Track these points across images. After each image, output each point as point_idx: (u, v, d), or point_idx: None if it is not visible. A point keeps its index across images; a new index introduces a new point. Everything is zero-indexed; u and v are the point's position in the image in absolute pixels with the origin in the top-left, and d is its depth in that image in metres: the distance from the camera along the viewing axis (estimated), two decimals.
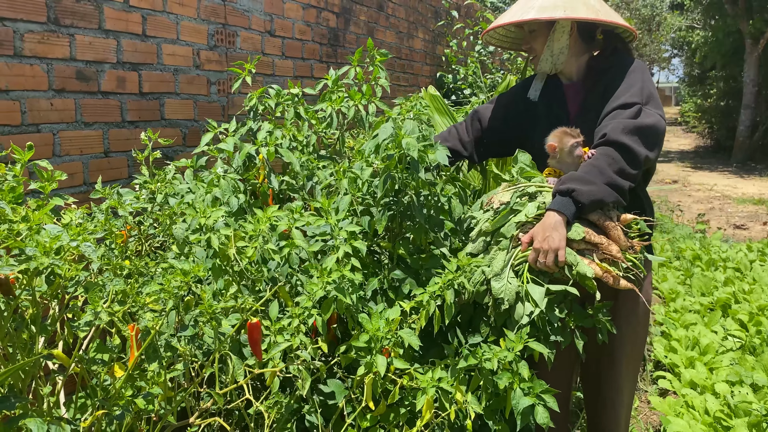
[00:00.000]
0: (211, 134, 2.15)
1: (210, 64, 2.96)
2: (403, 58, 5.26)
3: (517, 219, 1.82)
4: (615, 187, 1.72)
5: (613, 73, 1.98)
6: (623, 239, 1.76)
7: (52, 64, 2.20)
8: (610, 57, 2.04)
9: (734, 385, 3.19)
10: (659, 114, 1.84)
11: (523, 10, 2.02)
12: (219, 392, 1.37)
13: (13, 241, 1.02)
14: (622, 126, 1.77)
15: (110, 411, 1.13)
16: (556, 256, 1.68)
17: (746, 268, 5.25)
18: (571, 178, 1.75)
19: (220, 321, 1.25)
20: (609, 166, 1.73)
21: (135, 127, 2.54)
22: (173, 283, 1.16)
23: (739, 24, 14.74)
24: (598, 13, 1.97)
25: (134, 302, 1.17)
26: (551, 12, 1.95)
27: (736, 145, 15.53)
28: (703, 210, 9.02)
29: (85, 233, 1.08)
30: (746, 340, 3.78)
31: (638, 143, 1.75)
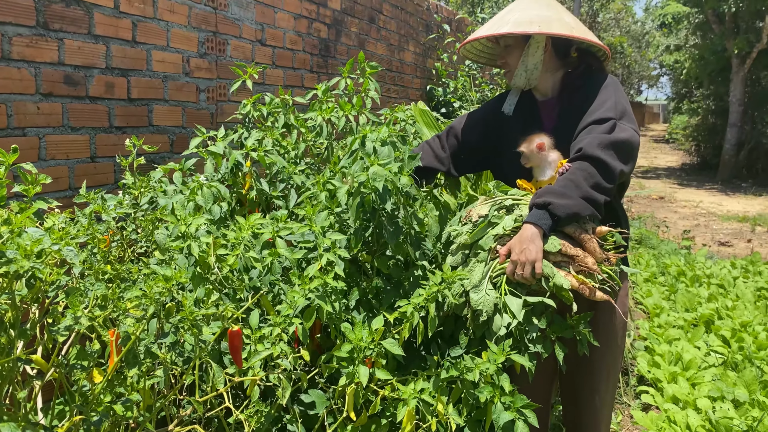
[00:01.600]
0: (199, 138, 2.16)
1: (200, 71, 2.96)
2: (393, 70, 5.29)
3: (494, 232, 1.84)
4: (590, 201, 1.75)
5: (586, 90, 2.00)
6: (599, 251, 1.79)
7: (40, 68, 2.19)
8: (584, 74, 2.06)
9: (716, 401, 3.21)
10: (633, 129, 1.87)
11: (498, 25, 2.05)
12: (199, 400, 1.37)
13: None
14: (597, 141, 1.80)
15: (88, 416, 1.12)
16: (533, 268, 1.70)
17: (730, 285, 5.30)
18: (548, 191, 1.77)
19: (200, 328, 1.24)
20: (585, 180, 1.76)
21: (122, 133, 2.54)
22: (155, 289, 1.16)
23: (726, 43, 14.97)
24: (573, 30, 2.00)
25: (115, 307, 1.16)
26: (526, 27, 1.98)
27: (722, 163, 15.72)
28: (688, 226, 9.11)
29: (68, 237, 1.07)
30: (728, 356, 3.81)
31: (613, 157, 1.79)
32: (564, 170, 1.87)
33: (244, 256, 1.60)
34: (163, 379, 1.32)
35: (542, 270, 1.71)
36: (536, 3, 2.09)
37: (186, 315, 1.20)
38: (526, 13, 2.03)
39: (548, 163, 1.98)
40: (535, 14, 2.02)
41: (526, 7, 2.08)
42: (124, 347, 1.19)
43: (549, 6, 2.10)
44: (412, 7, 5.60)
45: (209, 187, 1.80)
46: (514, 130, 2.13)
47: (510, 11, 2.11)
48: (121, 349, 1.20)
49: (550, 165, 1.98)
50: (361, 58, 2.65)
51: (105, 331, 1.14)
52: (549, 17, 2.01)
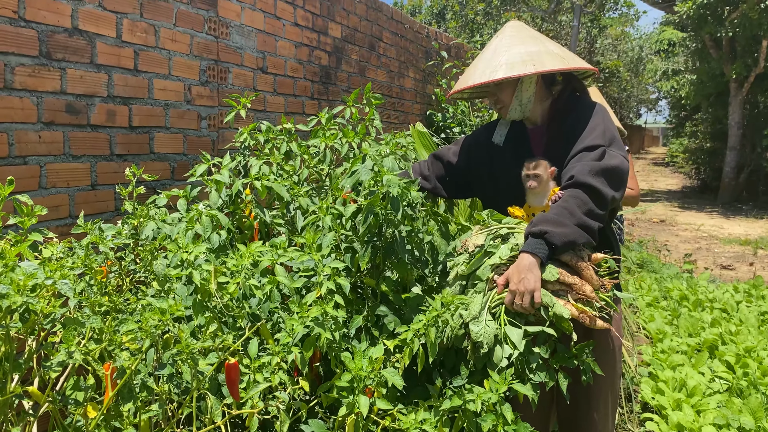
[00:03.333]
0: (205, 165, 2.17)
1: (201, 99, 2.99)
2: (393, 96, 5.33)
3: (491, 261, 1.85)
4: (585, 228, 1.77)
5: (575, 117, 2.03)
6: (595, 278, 1.80)
7: (42, 97, 2.21)
8: (570, 100, 2.10)
9: (721, 429, 3.16)
10: (622, 155, 1.90)
11: (492, 69, 2.05)
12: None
13: None
14: (588, 168, 1.83)
15: None
16: (532, 298, 1.70)
17: (733, 309, 5.27)
18: (543, 219, 1.78)
19: (197, 360, 1.23)
20: (579, 208, 1.78)
21: (123, 161, 2.55)
22: (150, 321, 1.15)
23: (723, 68, 15.09)
24: (564, 61, 2.03)
25: (111, 341, 1.15)
26: (521, 68, 1.99)
27: (722, 186, 15.74)
28: (690, 250, 9.08)
29: (63, 269, 1.07)
30: (733, 383, 3.77)
31: (604, 184, 1.81)
32: (557, 198, 1.89)
33: (245, 284, 1.60)
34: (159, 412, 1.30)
35: (541, 299, 1.71)
36: (518, 38, 2.11)
37: (183, 348, 1.18)
38: (514, 52, 2.04)
39: (545, 192, 2.01)
40: (524, 52, 2.03)
41: (510, 45, 2.09)
42: (119, 381, 1.17)
43: (534, 39, 2.12)
44: (412, 34, 5.66)
45: (208, 215, 1.79)
46: (504, 158, 2.17)
47: (496, 52, 2.11)
48: (116, 383, 1.19)
49: (545, 193, 2.01)
50: (368, 90, 2.68)
51: (99, 366, 1.12)
52: (538, 53, 2.03)
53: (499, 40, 2.14)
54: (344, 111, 2.67)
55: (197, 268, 1.49)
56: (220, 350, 1.31)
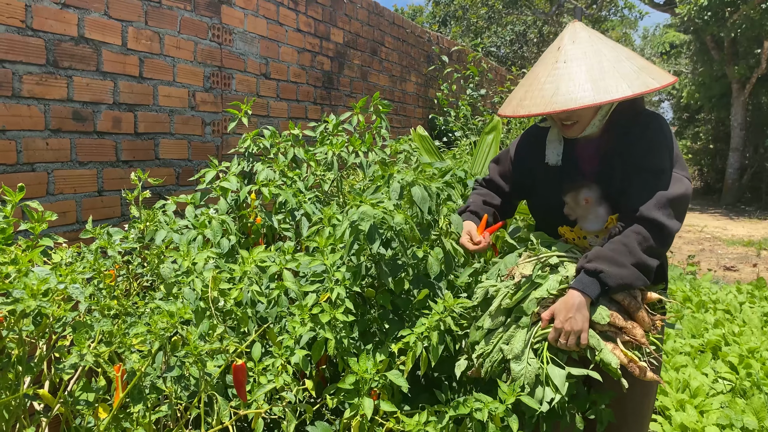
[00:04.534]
0: (213, 171, 2.20)
1: (205, 105, 3.02)
2: (396, 100, 5.36)
3: (538, 294, 1.72)
4: (644, 269, 1.64)
5: (635, 130, 1.79)
6: (647, 320, 1.68)
7: (49, 105, 2.24)
8: (629, 110, 1.82)
9: (725, 429, 3.17)
10: (686, 177, 1.74)
11: (579, 87, 1.68)
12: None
13: (1, 283, 1.03)
14: (655, 201, 1.66)
15: None
16: (578, 338, 1.61)
17: (736, 310, 5.27)
18: (599, 256, 1.65)
19: (205, 362, 1.26)
20: (639, 245, 1.64)
21: (129, 167, 2.58)
22: (159, 324, 1.17)
23: (726, 69, 15.10)
24: (663, 73, 1.75)
25: (121, 343, 1.18)
26: (643, 82, 1.67)
27: (725, 188, 15.73)
28: (693, 251, 9.08)
29: (74, 274, 1.09)
30: (736, 383, 3.77)
31: (671, 217, 1.67)
32: (617, 230, 1.74)
33: (249, 290, 1.62)
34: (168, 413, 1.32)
35: (588, 341, 1.62)
36: (605, 43, 1.78)
37: (191, 350, 1.21)
38: (619, 60, 1.72)
39: (596, 216, 1.85)
40: (625, 59, 1.73)
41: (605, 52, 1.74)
42: (129, 383, 1.20)
43: (614, 45, 1.79)
44: (414, 39, 5.70)
45: (218, 220, 1.82)
46: (551, 174, 1.95)
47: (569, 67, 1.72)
48: (126, 385, 1.22)
49: (598, 218, 1.84)
50: (375, 97, 2.71)
51: (110, 367, 1.15)
52: (640, 61, 1.75)
53: (580, 45, 1.77)
54: (351, 118, 2.69)
55: (199, 276, 1.51)
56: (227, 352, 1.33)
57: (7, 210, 1.16)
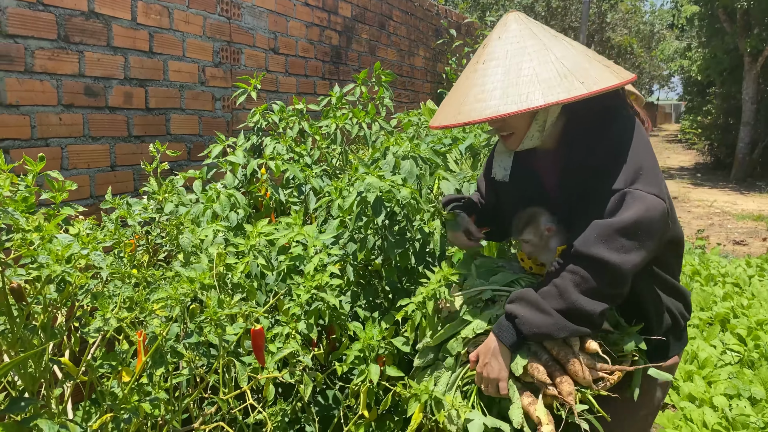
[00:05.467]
0: (220, 146, 2.21)
1: (215, 80, 3.02)
2: (404, 75, 5.34)
3: (464, 333, 1.56)
4: (577, 315, 1.38)
5: (590, 141, 1.50)
6: (586, 374, 1.40)
7: (62, 80, 2.26)
8: (587, 116, 1.52)
9: (732, 399, 3.20)
10: (654, 194, 1.38)
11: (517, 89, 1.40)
12: (223, 398, 1.41)
13: (26, 249, 1.06)
14: (596, 232, 1.38)
15: (118, 414, 1.16)
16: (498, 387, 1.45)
17: (745, 284, 5.28)
18: (523, 298, 1.45)
19: (224, 327, 1.29)
20: (576, 287, 1.38)
21: (141, 142, 2.60)
22: (180, 290, 1.20)
23: (738, 42, 14.88)
24: (613, 72, 1.46)
25: (142, 309, 1.21)
26: (564, 88, 1.37)
27: (735, 162, 15.60)
28: (702, 226, 9.06)
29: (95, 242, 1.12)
30: (744, 355, 3.80)
31: (620, 250, 1.36)
32: (554, 267, 1.48)
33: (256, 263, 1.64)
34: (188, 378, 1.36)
35: (507, 390, 1.45)
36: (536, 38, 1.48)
37: (210, 315, 1.24)
38: (544, 61, 1.43)
39: (549, 250, 1.61)
40: (555, 60, 1.43)
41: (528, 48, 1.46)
42: (150, 347, 1.23)
43: (556, 39, 1.50)
44: (422, 12, 5.65)
45: (226, 195, 1.85)
46: (511, 196, 1.74)
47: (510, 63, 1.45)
48: (147, 349, 1.25)
49: (551, 251, 1.60)
50: (377, 67, 2.70)
51: (133, 332, 1.18)
52: (576, 60, 1.44)
53: (506, 42, 1.49)
54: (354, 90, 2.69)
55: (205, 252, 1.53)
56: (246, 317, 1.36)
57: (29, 180, 1.18)
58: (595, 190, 1.43)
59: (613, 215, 1.38)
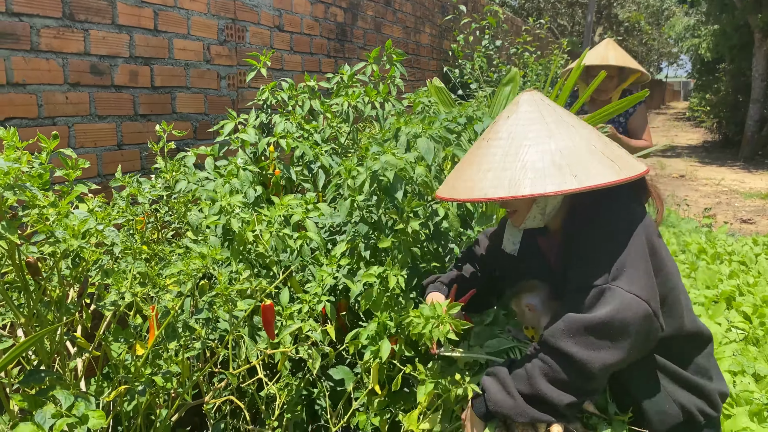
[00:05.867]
0: (232, 123, 2.22)
1: (220, 58, 3.01)
2: (410, 52, 5.30)
3: (458, 391, 1.61)
4: (540, 402, 1.38)
5: (583, 229, 1.48)
6: None
7: (67, 59, 2.26)
8: (592, 204, 1.50)
9: (736, 375, 3.22)
10: (635, 294, 1.34)
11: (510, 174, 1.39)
12: (233, 372, 1.43)
13: (42, 225, 1.07)
14: (564, 325, 1.36)
15: (132, 387, 1.19)
16: None
17: (751, 262, 5.27)
18: (496, 373, 1.48)
19: (235, 302, 1.30)
20: (543, 376, 1.38)
21: (147, 121, 2.60)
22: (192, 265, 1.22)
23: (748, 17, 14.66)
24: (615, 168, 1.39)
25: (154, 284, 1.23)
26: (557, 181, 1.35)
27: (744, 140, 15.46)
28: (709, 204, 9.02)
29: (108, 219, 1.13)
30: (749, 332, 3.81)
31: (586, 347, 1.33)
32: (530, 351, 1.48)
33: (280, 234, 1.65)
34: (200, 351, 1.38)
35: None
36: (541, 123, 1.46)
37: (221, 290, 1.25)
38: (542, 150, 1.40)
39: (540, 326, 1.63)
40: (555, 150, 1.40)
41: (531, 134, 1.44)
42: (163, 322, 1.25)
43: (562, 124, 1.46)
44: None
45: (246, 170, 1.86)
46: (518, 270, 1.76)
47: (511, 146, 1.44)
48: (160, 324, 1.27)
49: (542, 327, 1.61)
50: (388, 46, 2.68)
51: (147, 306, 1.20)
52: (576, 152, 1.40)
53: (512, 123, 1.49)
54: (365, 68, 2.68)
55: (235, 216, 1.54)
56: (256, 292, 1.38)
57: (43, 157, 1.19)
58: (578, 280, 1.42)
59: (588, 310, 1.36)
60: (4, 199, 1.02)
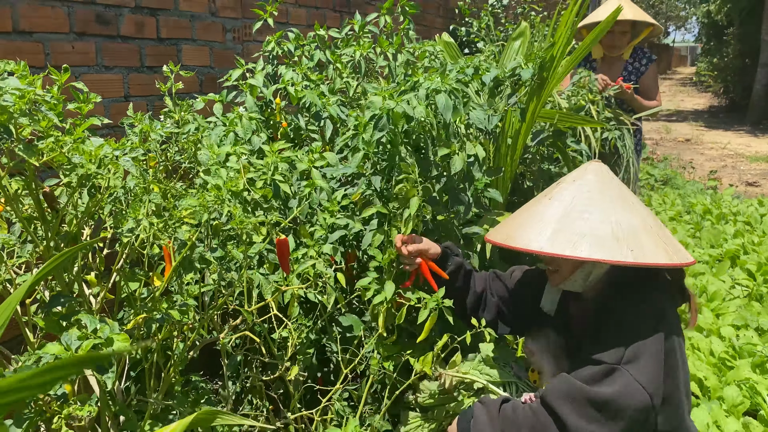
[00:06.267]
0: (240, 70, 2.21)
1: (225, 11, 2.98)
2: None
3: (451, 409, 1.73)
4: None
5: (619, 308, 1.50)
6: None
7: (73, 7, 2.23)
8: (628, 281, 1.55)
9: (739, 329, 3.26)
10: (639, 382, 1.37)
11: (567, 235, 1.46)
12: (248, 309, 1.45)
13: (59, 153, 1.08)
14: (566, 389, 1.41)
15: (150, 316, 1.21)
16: None
17: (757, 222, 5.27)
18: (488, 404, 1.53)
19: (251, 236, 1.32)
20: (530, 429, 1.42)
21: (154, 73, 2.59)
22: (207, 197, 1.23)
23: None
24: (668, 252, 1.46)
25: (171, 216, 1.24)
26: (613, 252, 1.41)
27: (751, 104, 15.31)
28: (715, 168, 8.98)
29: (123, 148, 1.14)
30: (753, 289, 3.84)
31: (582, 417, 1.37)
32: (531, 398, 1.58)
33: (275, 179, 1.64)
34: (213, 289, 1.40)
35: None
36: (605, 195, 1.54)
37: (236, 224, 1.26)
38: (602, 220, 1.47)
39: (545, 373, 1.73)
40: (615, 222, 1.47)
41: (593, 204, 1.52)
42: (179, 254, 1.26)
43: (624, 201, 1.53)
44: None
45: (249, 118, 1.85)
46: (546, 324, 1.80)
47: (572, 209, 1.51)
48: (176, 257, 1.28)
49: (547, 376, 1.72)
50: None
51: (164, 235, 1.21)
52: (634, 230, 1.47)
53: (577, 188, 1.57)
54: (378, 19, 2.65)
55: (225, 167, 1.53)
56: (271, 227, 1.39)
57: (54, 91, 1.19)
58: (592, 351, 1.45)
59: (594, 384, 1.39)
60: (21, 126, 1.02)
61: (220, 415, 0.67)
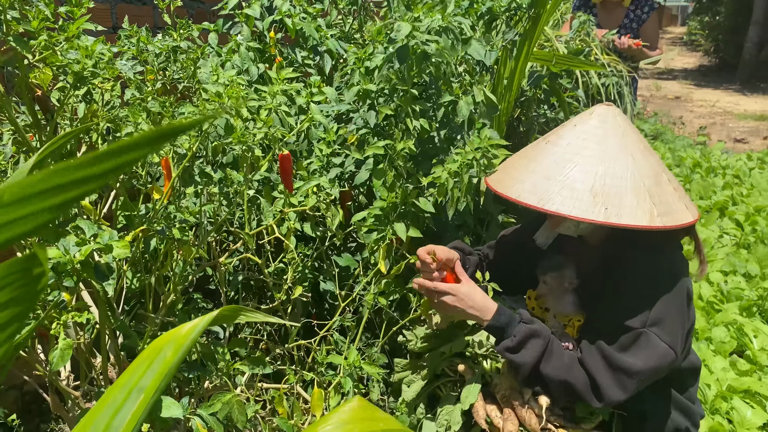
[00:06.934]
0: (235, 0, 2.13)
1: None
2: None
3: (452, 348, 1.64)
4: (546, 382, 1.44)
5: (627, 272, 1.47)
6: (534, 424, 1.43)
7: None
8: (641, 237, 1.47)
9: (728, 275, 3.31)
10: (667, 343, 1.39)
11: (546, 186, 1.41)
12: (249, 233, 1.43)
13: (51, 54, 1.02)
14: (603, 357, 1.42)
15: (150, 227, 1.18)
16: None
17: (745, 175, 5.31)
18: (544, 336, 1.45)
19: (253, 150, 1.28)
20: (567, 372, 1.42)
21: (143, 5, 2.49)
22: (208, 105, 1.18)
23: None
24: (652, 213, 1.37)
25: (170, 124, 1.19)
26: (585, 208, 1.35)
27: (741, 63, 15.26)
28: (704, 124, 9.00)
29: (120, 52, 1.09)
30: (741, 238, 3.89)
31: (616, 383, 1.39)
32: (569, 346, 1.55)
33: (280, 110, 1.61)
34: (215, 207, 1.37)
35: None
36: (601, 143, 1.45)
37: (237, 137, 1.22)
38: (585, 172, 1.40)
39: (562, 302, 1.66)
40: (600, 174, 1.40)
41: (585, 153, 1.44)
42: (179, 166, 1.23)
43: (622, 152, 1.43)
44: None
45: (247, 48, 1.79)
46: (543, 262, 1.75)
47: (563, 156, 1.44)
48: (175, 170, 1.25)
49: (563, 305, 1.65)
50: None
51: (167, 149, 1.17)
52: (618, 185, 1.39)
53: (576, 134, 1.48)
54: None
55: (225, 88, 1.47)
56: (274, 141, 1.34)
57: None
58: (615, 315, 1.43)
59: (623, 351, 1.40)
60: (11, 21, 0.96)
61: (244, 311, 0.65)
